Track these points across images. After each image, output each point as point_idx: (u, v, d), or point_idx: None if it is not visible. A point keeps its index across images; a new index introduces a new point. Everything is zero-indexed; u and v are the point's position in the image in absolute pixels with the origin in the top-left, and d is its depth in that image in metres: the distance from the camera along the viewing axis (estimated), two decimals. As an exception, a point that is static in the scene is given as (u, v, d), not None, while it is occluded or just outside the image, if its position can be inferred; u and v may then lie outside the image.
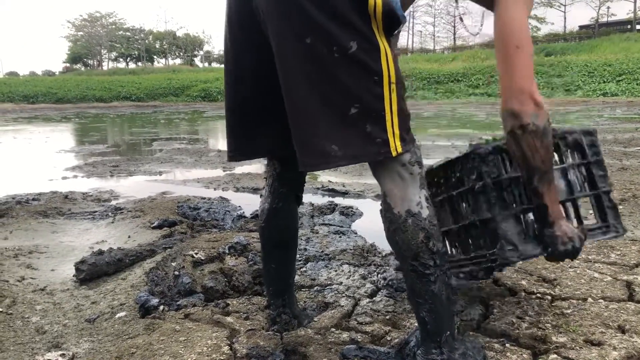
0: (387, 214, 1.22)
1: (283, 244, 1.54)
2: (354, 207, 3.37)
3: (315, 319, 1.66)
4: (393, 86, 1.15)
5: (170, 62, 61.52)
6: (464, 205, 1.53)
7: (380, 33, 1.14)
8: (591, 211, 1.54)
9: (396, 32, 1.19)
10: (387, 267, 2.11)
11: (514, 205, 1.38)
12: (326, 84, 1.12)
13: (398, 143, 1.16)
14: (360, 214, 3.28)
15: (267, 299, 1.60)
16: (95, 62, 61.43)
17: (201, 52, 64.33)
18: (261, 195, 1.54)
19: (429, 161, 1.66)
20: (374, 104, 1.13)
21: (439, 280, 1.20)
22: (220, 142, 9.09)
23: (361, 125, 1.13)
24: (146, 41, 61.13)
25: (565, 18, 46.14)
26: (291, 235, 1.55)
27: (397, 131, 1.16)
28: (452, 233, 1.63)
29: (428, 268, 1.19)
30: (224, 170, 5.40)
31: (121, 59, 62.27)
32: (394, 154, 1.15)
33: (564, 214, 1.35)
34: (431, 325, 1.22)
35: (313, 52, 1.11)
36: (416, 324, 1.58)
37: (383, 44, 1.14)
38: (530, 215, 1.37)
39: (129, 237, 2.79)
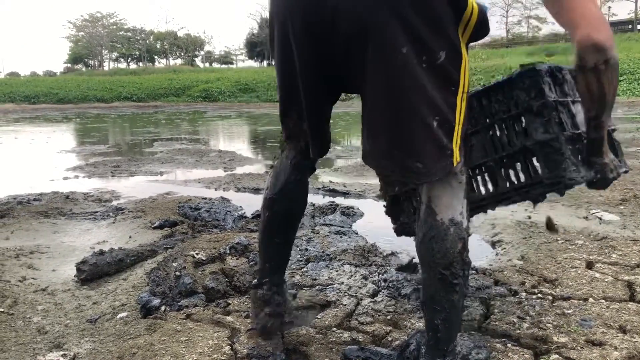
0: (429, 219, 1.18)
1: (294, 216, 1.49)
2: (354, 207, 3.37)
3: (318, 317, 1.67)
4: (464, 95, 1.13)
5: (171, 62, 61.61)
6: (505, 132, 1.46)
7: (463, 41, 1.13)
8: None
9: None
10: (388, 268, 2.11)
11: (568, 128, 1.34)
12: (416, 96, 1.09)
13: (458, 153, 1.14)
14: (361, 214, 3.28)
15: (257, 278, 1.50)
16: (96, 63, 61.45)
17: (202, 53, 64.39)
18: (272, 167, 1.48)
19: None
20: (449, 115, 1.11)
21: (461, 291, 1.20)
22: (221, 143, 9.10)
23: (439, 138, 1.11)
24: (147, 41, 61.11)
25: (566, 18, 45.90)
26: (303, 207, 1.51)
27: (459, 141, 1.14)
28: (487, 166, 1.53)
29: (457, 278, 1.17)
30: (224, 171, 5.41)
31: (122, 60, 62.27)
32: (455, 164, 1.14)
33: None
34: (442, 334, 1.21)
35: (407, 63, 1.07)
36: (417, 325, 1.58)
37: (464, 52, 1.12)
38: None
39: (130, 237, 2.79)
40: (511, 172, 1.50)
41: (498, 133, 1.49)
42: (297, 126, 1.34)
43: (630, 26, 39.81)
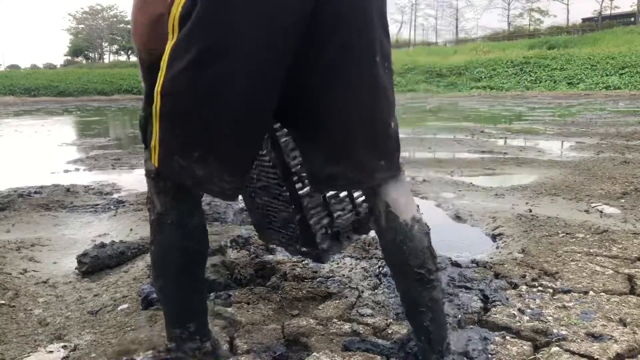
0: (392, 224, 1.19)
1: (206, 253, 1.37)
2: (355, 200, 3.37)
3: (319, 308, 1.67)
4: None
5: (172, 55, 61.19)
6: None
7: None
8: None
9: None
10: (389, 260, 2.11)
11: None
12: (383, 100, 1.12)
13: None
14: (362, 207, 3.28)
15: (185, 334, 1.26)
16: (96, 55, 61.30)
17: (202, 45, 64.09)
18: (162, 214, 1.26)
19: (435, 154, 1.64)
20: (395, 116, 1.17)
21: (439, 285, 1.22)
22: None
23: (397, 136, 1.17)
24: (147, 34, 60.80)
25: (568, 11, 45.91)
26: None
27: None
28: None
29: (432, 273, 1.19)
30: (225, 164, 5.40)
31: (122, 52, 62.02)
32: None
33: None
34: (434, 334, 1.22)
35: (378, 70, 1.09)
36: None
37: None
38: None
39: (131, 230, 2.79)
40: None
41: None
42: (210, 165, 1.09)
43: (632, 19, 39.63)
